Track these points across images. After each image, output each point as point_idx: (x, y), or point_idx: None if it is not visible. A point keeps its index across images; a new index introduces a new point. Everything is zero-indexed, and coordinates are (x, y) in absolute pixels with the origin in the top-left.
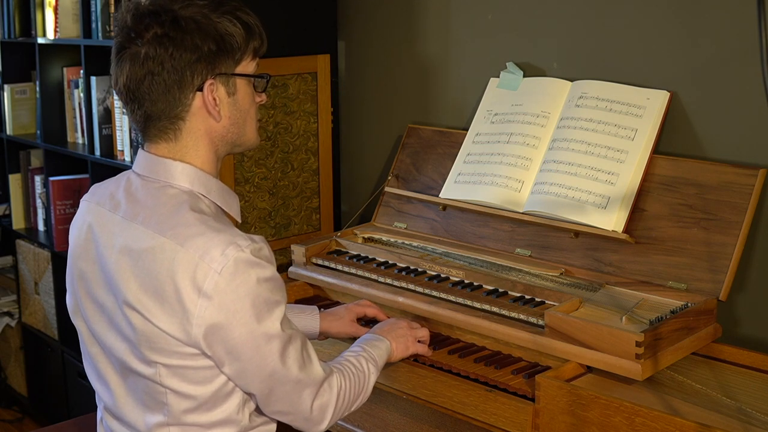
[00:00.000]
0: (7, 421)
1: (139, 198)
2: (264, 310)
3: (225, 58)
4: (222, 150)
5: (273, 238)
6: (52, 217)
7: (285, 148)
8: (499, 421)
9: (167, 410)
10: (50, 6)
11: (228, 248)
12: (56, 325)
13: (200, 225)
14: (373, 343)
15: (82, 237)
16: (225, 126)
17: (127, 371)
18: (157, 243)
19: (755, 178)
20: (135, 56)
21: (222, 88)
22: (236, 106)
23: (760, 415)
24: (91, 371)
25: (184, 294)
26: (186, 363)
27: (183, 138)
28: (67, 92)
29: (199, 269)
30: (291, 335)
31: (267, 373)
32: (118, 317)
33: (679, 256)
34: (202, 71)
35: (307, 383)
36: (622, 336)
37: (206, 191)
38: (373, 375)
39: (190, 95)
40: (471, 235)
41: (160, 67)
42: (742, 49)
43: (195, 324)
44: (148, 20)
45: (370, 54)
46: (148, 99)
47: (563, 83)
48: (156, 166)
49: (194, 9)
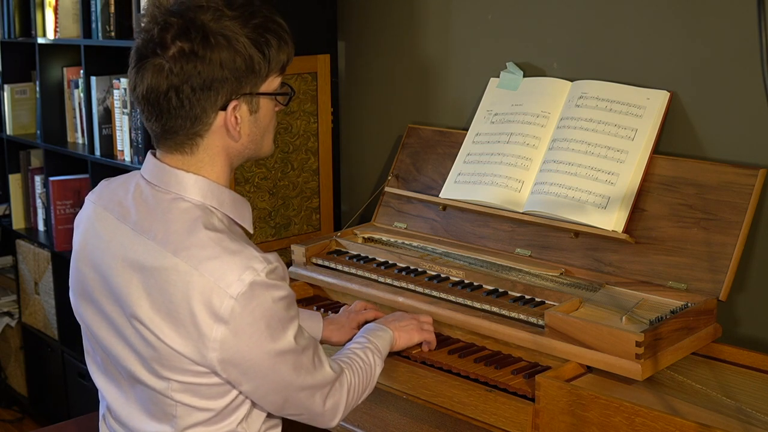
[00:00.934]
0: (7, 421)
1: (150, 210)
2: (279, 329)
3: (251, 77)
4: (237, 163)
5: (273, 238)
6: (52, 217)
7: (285, 148)
8: (499, 421)
9: (175, 422)
10: (50, 6)
11: (244, 273)
12: (56, 325)
13: (215, 247)
14: (376, 333)
15: (86, 241)
16: (243, 144)
17: (134, 381)
18: (170, 264)
19: (755, 178)
20: (159, 68)
21: (245, 107)
22: (257, 123)
23: (760, 415)
24: (94, 369)
25: (200, 318)
26: (199, 381)
27: (199, 153)
28: (67, 92)
29: (214, 294)
30: (304, 346)
31: (282, 386)
32: (127, 330)
33: (679, 256)
34: (227, 91)
35: (318, 387)
36: (622, 336)
37: (218, 204)
38: (378, 367)
39: (212, 114)
40: (471, 235)
41: (185, 84)
42: (742, 49)
43: (210, 348)
44: (175, 32)
45: (370, 54)
46: (167, 114)
47: (563, 83)
48: (167, 177)
49: (225, 22)
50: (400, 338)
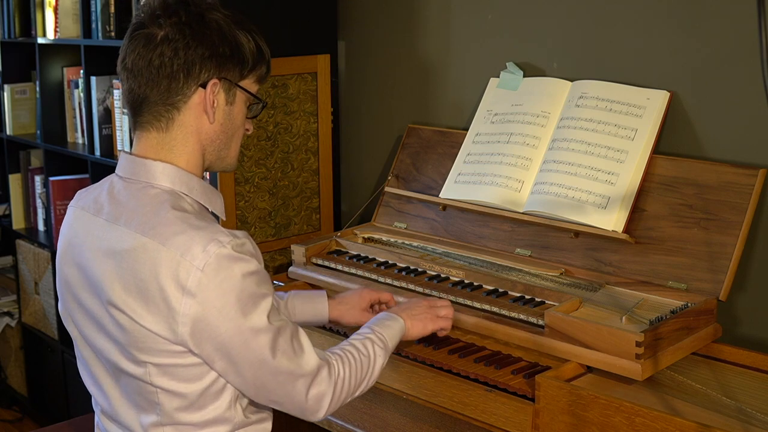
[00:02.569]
0: (7, 421)
1: (122, 200)
2: (250, 304)
3: (234, 66)
4: (208, 155)
5: (273, 238)
6: (52, 217)
7: (285, 148)
8: (499, 421)
9: (160, 409)
10: (50, 6)
11: (209, 245)
12: (56, 325)
13: (181, 223)
14: (384, 323)
15: (66, 243)
16: (215, 130)
17: (118, 373)
18: (139, 243)
19: (755, 178)
20: (151, 37)
21: (223, 93)
22: (230, 116)
23: (760, 415)
24: (86, 376)
25: (169, 293)
26: (175, 361)
27: (173, 129)
28: (67, 92)
29: (181, 267)
30: (280, 327)
31: (257, 366)
32: (105, 319)
33: (679, 256)
34: (211, 69)
35: (299, 374)
36: (622, 336)
37: (188, 190)
38: (380, 358)
39: (193, 88)
40: (471, 235)
41: (173, 51)
42: (742, 49)
43: (181, 322)
44: (175, 6)
45: (370, 54)
46: (151, 79)
47: (563, 83)
48: (137, 168)
49: (218, 14)
50: (413, 327)
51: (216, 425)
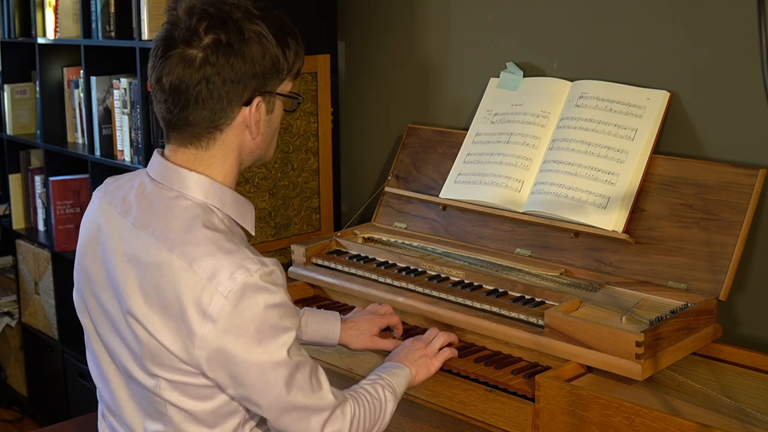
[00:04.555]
0: (7, 421)
1: (151, 206)
2: (269, 337)
3: (274, 76)
4: (246, 163)
5: (273, 238)
6: (52, 217)
7: (285, 148)
8: (499, 421)
9: (167, 420)
10: (50, 6)
11: (237, 272)
12: (56, 325)
13: (210, 245)
14: (391, 371)
15: (90, 236)
16: (257, 143)
17: (129, 377)
18: (165, 259)
19: (755, 178)
20: (190, 58)
21: (264, 106)
22: (270, 123)
23: (760, 415)
24: (94, 368)
25: (189, 315)
26: (187, 380)
27: (214, 148)
28: (67, 92)
29: (205, 292)
30: (299, 362)
31: (272, 400)
32: (121, 325)
33: (679, 256)
34: (253, 87)
35: (315, 410)
36: (622, 336)
37: (220, 204)
38: (390, 403)
39: (237, 108)
40: (471, 235)
41: (217, 75)
42: (742, 49)
43: (198, 346)
44: (210, 24)
45: (370, 54)
46: (194, 104)
47: (563, 83)
48: (171, 174)
49: (258, 24)
50: (418, 374)
51: None
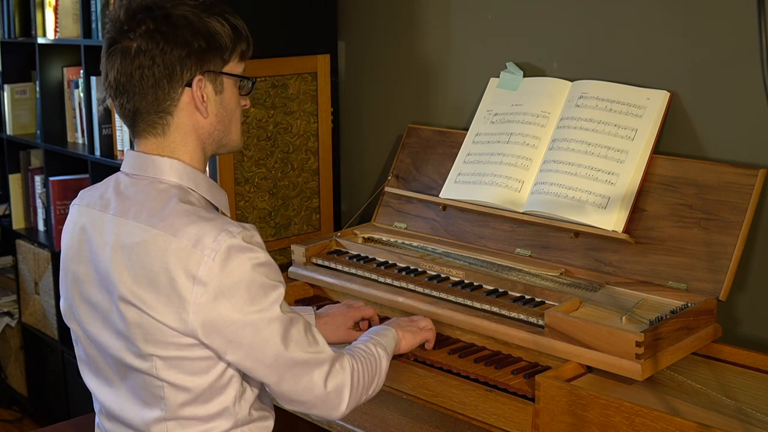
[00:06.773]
0: (7, 421)
1: (129, 195)
2: (260, 294)
3: (214, 56)
4: (209, 148)
5: (273, 238)
6: (52, 217)
7: (285, 148)
8: (499, 421)
9: (164, 404)
10: (50, 6)
11: (220, 235)
12: (56, 325)
13: (191, 215)
14: (379, 332)
15: (75, 239)
16: (212, 123)
17: (123, 369)
18: (149, 236)
19: (755, 178)
20: (126, 50)
21: (210, 85)
22: (222, 104)
23: (760, 415)
24: (88, 374)
25: (179, 282)
26: (182, 354)
27: (171, 133)
28: (67, 92)
29: (192, 257)
30: (292, 317)
31: (271, 357)
32: (113, 314)
33: (679, 256)
34: (192, 67)
35: (315, 363)
36: (622, 336)
37: (195, 185)
38: (384, 359)
39: (179, 90)
40: (471, 235)
41: (150, 61)
42: (742, 49)
43: (191, 312)
44: (140, 15)
45: (370, 54)
46: (137, 92)
47: (563, 83)
48: (144, 163)
49: (185, 8)
50: (404, 337)
51: (219, 420)
